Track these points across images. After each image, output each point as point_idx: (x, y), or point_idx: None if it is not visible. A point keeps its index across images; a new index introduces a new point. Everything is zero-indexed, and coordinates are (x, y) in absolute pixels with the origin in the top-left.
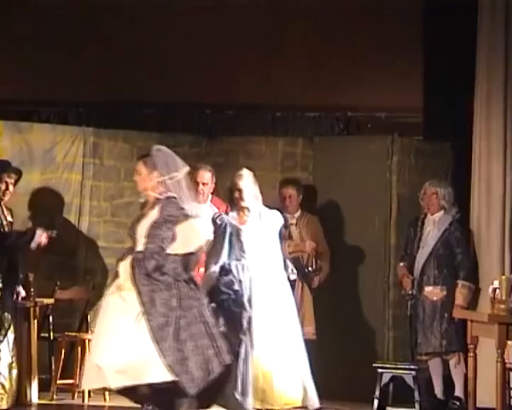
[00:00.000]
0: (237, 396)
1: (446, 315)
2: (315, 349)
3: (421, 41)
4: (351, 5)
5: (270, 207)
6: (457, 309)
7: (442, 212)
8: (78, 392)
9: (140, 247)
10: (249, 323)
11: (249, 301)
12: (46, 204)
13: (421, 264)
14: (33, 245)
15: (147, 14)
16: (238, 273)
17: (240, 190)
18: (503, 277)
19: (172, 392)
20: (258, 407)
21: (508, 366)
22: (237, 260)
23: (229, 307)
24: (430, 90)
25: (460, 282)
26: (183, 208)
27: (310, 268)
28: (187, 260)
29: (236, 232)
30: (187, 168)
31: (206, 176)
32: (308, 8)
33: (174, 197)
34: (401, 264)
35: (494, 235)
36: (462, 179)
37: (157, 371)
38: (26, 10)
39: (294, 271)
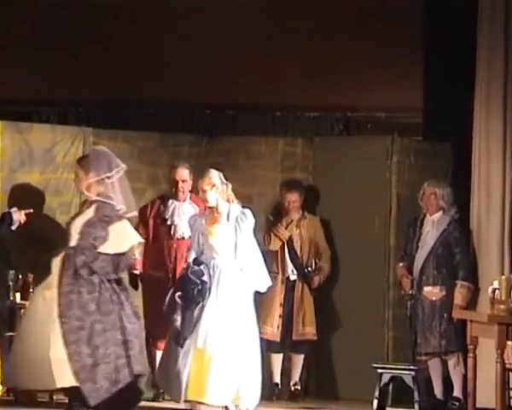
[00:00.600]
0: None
1: (445, 315)
2: (315, 349)
3: (421, 41)
4: (351, 5)
5: (243, 206)
6: (457, 309)
7: (441, 212)
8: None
9: (73, 243)
10: (199, 316)
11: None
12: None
13: (421, 264)
14: (14, 226)
15: (147, 14)
16: (208, 268)
17: (204, 191)
18: (503, 277)
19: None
20: (190, 399)
21: (507, 366)
22: (208, 258)
23: (193, 297)
24: (430, 91)
25: (459, 282)
26: (118, 209)
27: (309, 268)
28: (118, 260)
29: (204, 233)
30: (122, 168)
31: (184, 173)
32: (308, 8)
33: (110, 197)
34: (400, 264)
35: (494, 235)
36: (462, 179)
37: (65, 376)
38: (26, 10)
39: (294, 271)
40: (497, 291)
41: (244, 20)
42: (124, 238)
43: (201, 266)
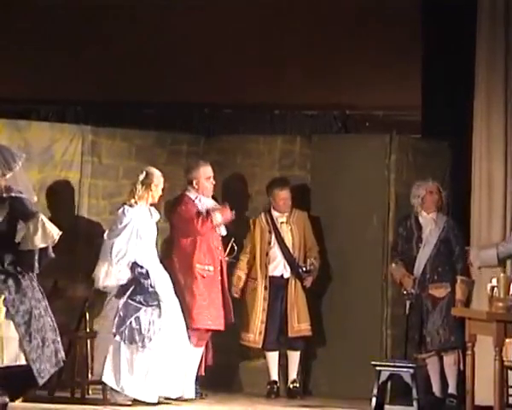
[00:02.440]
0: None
1: (451, 312)
2: (314, 347)
3: (420, 40)
4: (350, 4)
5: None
6: (458, 304)
7: (436, 211)
8: (77, 390)
9: None
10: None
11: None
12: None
13: (424, 263)
14: None
15: (147, 14)
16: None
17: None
18: (502, 275)
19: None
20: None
21: (506, 363)
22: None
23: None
24: (429, 89)
25: (459, 277)
26: (31, 204)
27: (304, 268)
28: (33, 254)
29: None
30: (23, 156)
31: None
32: (307, 8)
33: (21, 192)
34: (393, 265)
35: (494, 234)
36: (460, 178)
37: (11, 355)
38: (26, 10)
39: (288, 269)
40: (495, 289)
41: (243, 20)
42: (40, 233)
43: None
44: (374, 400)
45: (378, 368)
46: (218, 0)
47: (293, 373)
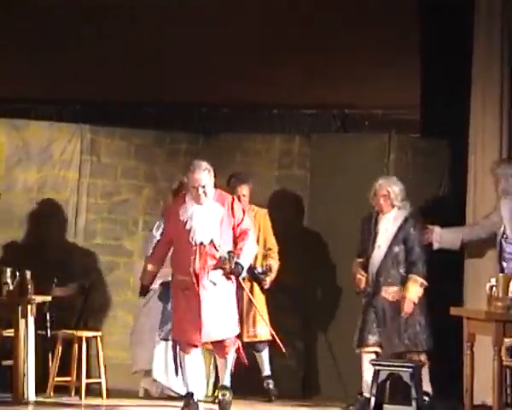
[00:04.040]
0: None
1: (406, 315)
2: (312, 349)
3: (418, 39)
4: (349, 3)
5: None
6: (409, 303)
7: (396, 209)
8: (75, 390)
9: None
10: None
11: None
12: None
13: (378, 264)
14: None
15: (147, 14)
16: None
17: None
18: (501, 274)
19: None
20: None
21: (505, 363)
22: None
23: None
24: (428, 88)
25: (413, 276)
26: None
27: (259, 270)
28: None
29: None
30: None
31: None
32: (306, 6)
33: None
34: (358, 259)
35: None
36: (460, 177)
37: None
38: (26, 9)
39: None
40: (494, 288)
41: (241, 19)
42: None
43: None
44: (373, 399)
45: (377, 367)
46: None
47: (264, 372)
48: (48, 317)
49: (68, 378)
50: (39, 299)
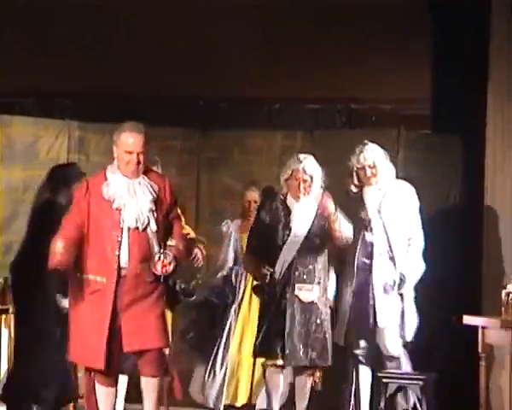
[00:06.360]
0: None
1: (319, 321)
2: None
3: (429, 29)
4: None
5: None
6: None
7: (311, 196)
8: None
9: None
10: None
11: None
12: None
13: (291, 258)
14: None
15: (144, 9)
16: None
17: None
18: None
19: None
20: None
21: None
22: None
23: None
24: (439, 81)
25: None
26: None
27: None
28: None
29: None
30: None
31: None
32: None
33: None
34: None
35: (508, 233)
36: (474, 175)
37: None
38: (11, 2)
39: None
40: (510, 295)
41: (241, 12)
42: None
43: None
44: None
45: (385, 380)
46: None
47: None
48: None
49: None
50: None
